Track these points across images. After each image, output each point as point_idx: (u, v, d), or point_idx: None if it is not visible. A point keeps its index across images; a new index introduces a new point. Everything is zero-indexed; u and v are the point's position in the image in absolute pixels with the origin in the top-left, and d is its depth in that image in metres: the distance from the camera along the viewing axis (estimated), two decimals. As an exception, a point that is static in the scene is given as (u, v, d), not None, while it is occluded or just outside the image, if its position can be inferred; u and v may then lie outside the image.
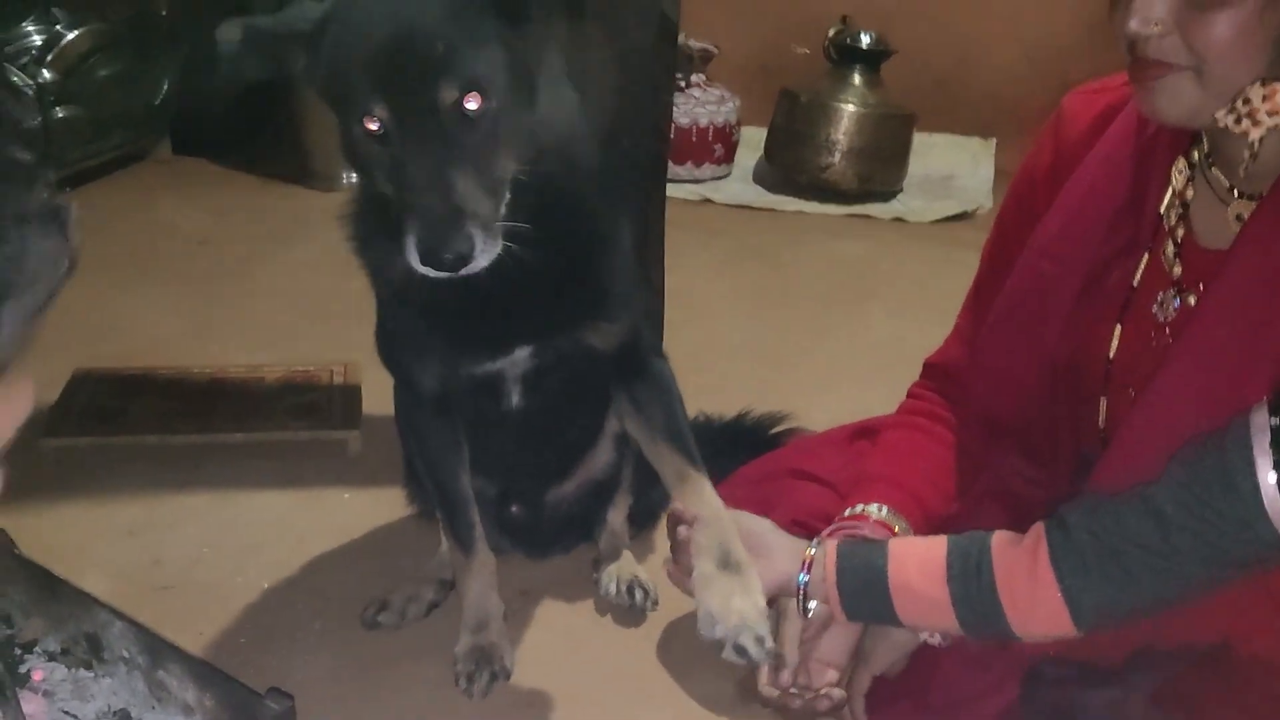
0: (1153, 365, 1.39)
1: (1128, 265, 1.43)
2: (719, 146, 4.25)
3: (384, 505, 2.10)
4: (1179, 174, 1.40)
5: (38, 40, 3.71)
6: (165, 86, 4.12)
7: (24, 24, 3.72)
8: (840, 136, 4.02)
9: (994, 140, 4.41)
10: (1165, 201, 1.41)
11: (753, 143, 4.35)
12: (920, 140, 4.25)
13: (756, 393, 2.57)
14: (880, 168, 4.08)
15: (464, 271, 1.24)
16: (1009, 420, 1.57)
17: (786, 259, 3.58)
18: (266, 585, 1.91)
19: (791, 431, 2.23)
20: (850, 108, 4.02)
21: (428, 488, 1.76)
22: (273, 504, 2.14)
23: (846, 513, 1.53)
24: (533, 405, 1.61)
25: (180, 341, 2.79)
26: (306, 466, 2.25)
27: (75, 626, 1.47)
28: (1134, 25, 1.21)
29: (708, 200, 4.10)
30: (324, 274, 3.22)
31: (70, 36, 3.72)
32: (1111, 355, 1.46)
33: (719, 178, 4.29)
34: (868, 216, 4.02)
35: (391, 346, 1.63)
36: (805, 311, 3.16)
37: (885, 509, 1.52)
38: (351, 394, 2.40)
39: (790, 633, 1.44)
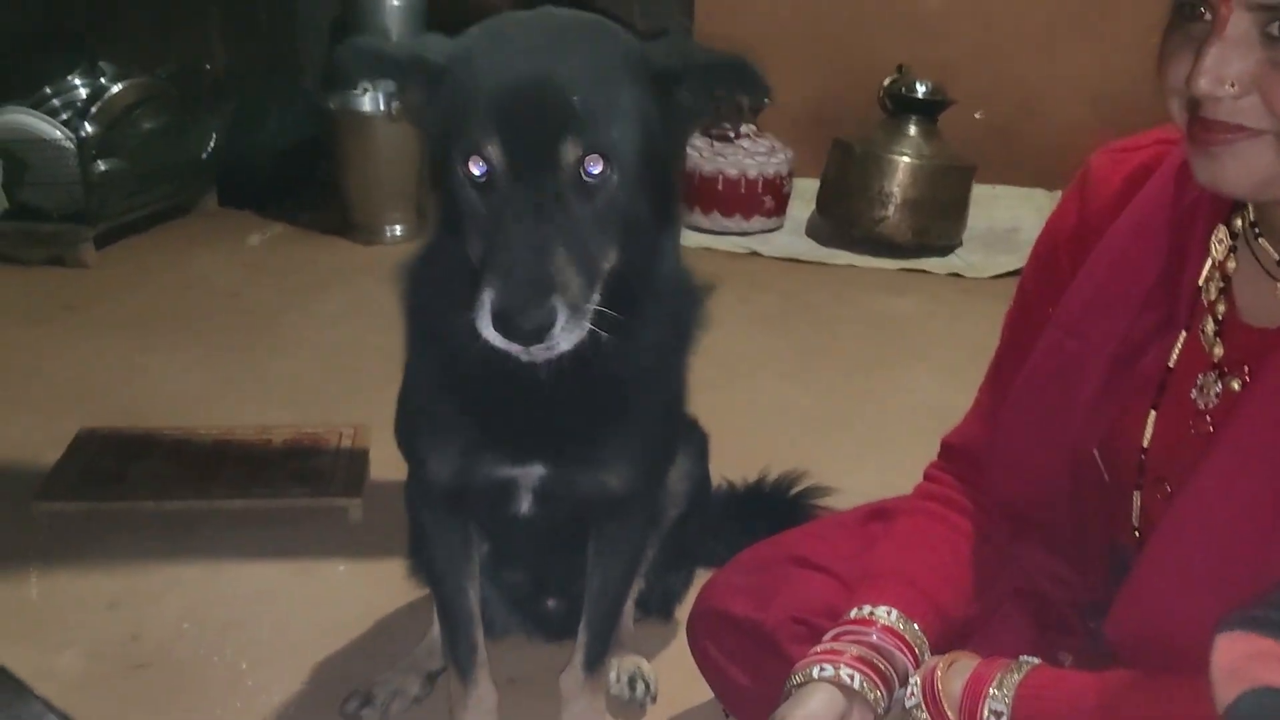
0: (1192, 456, 1.23)
1: (1163, 345, 1.28)
2: (769, 198, 4.12)
3: (380, 579, 1.99)
4: (1219, 244, 1.24)
5: (83, 93, 3.73)
6: (212, 140, 4.12)
7: (70, 77, 3.74)
8: (895, 189, 3.88)
9: (1059, 192, 4.20)
10: (1204, 274, 1.26)
11: (806, 194, 4.22)
12: (982, 192, 4.10)
13: (791, 461, 2.44)
14: (937, 221, 3.92)
15: (537, 348, 1.10)
16: (1033, 512, 1.41)
17: (834, 316, 3.44)
18: (244, 666, 1.80)
19: (811, 492, 2.08)
20: (905, 159, 3.88)
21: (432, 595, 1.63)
22: (263, 575, 2.04)
23: (852, 614, 1.38)
24: (544, 513, 1.48)
25: (196, 398, 2.73)
26: (304, 535, 2.15)
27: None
28: (1204, 85, 1.05)
29: (755, 253, 3.97)
30: (349, 328, 3.17)
31: (115, 90, 3.73)
32: (1145, 444, 1.30)
33: (769, 230, 4.17)
34: (923, 271, 3.86)
35: (411, 428, 1.49)
36: (850, 373, 3.02)
37: (894, 613, 1.36)
38: (358, 459, 2.30)
39: None
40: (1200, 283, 1.26)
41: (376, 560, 2.05)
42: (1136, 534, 1.34)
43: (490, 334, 1.09)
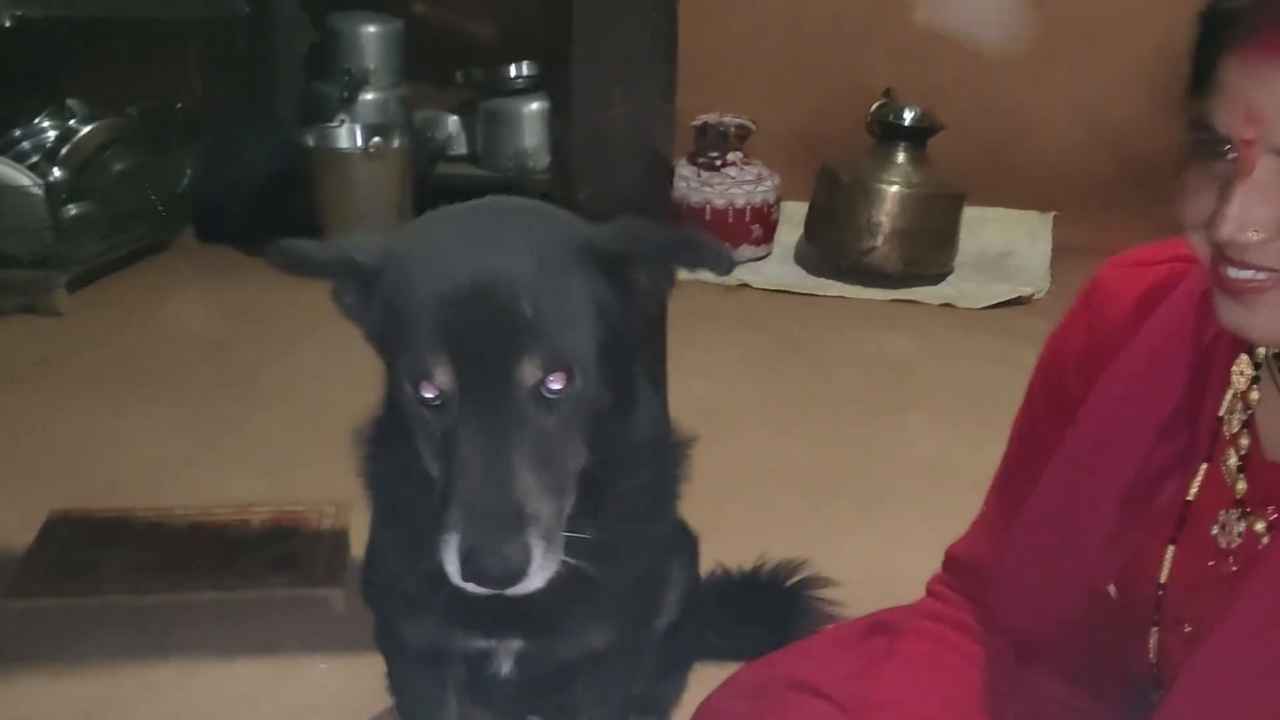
0: (1214, 596, 1.17)
1: (1182, 477, 1.21)
2: (757, 227, 4.05)
3: (363, 677, 1.91)
4: (1241, 375, 1.18)
5: (51, 135, 3.64)
6: (187, 176, 4.03)
7: (38, 119, 3.65)
8: (883, 219, 3.81)
9: (1052, 214, 4.16)
10: (1225, 405, 1.19)
11: (794, 218, 4.15)
12: (972, 215, 4.03)
13: (784, 527, 2.38)
14: (927, 250, 3.85)
15: (512, 591, 1.01)
16: (1043, 643, 1.35)
17: (826, 357, 3.36)
18: (223, 786, 1.73)
19: (809, 583, 2.01)
20: (894, 188, 3.80)
21: None
22: (242, 676, 1.96)
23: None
24: (525, 673, 1.40)
25: (172, 466, 2.65)
26: (285, 628, 2.07)
27: None
28: (1229, 232, 0.97)
29: (745, 285, 3.90)
30: (330, 383, 3.08)
31: (84, 131, 3.63)
32: (1163, 580, 1.24)
33: (758, 259, 4.09)
34: (914, 302, 3.79)
35: (379, 593, 1.40)
36: (843, 423, 2.94)
37: (908, 756, 1.30)
38: (339, 542, 2.23)
39: None
40: (1221, 414, 1.19)
41: (359, 655, 1.96)
42: (1155, 673, 1.28)
43: (457, 579, 1.00)
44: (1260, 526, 1.16)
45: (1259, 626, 1.10)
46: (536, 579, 1.01)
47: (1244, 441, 1.18)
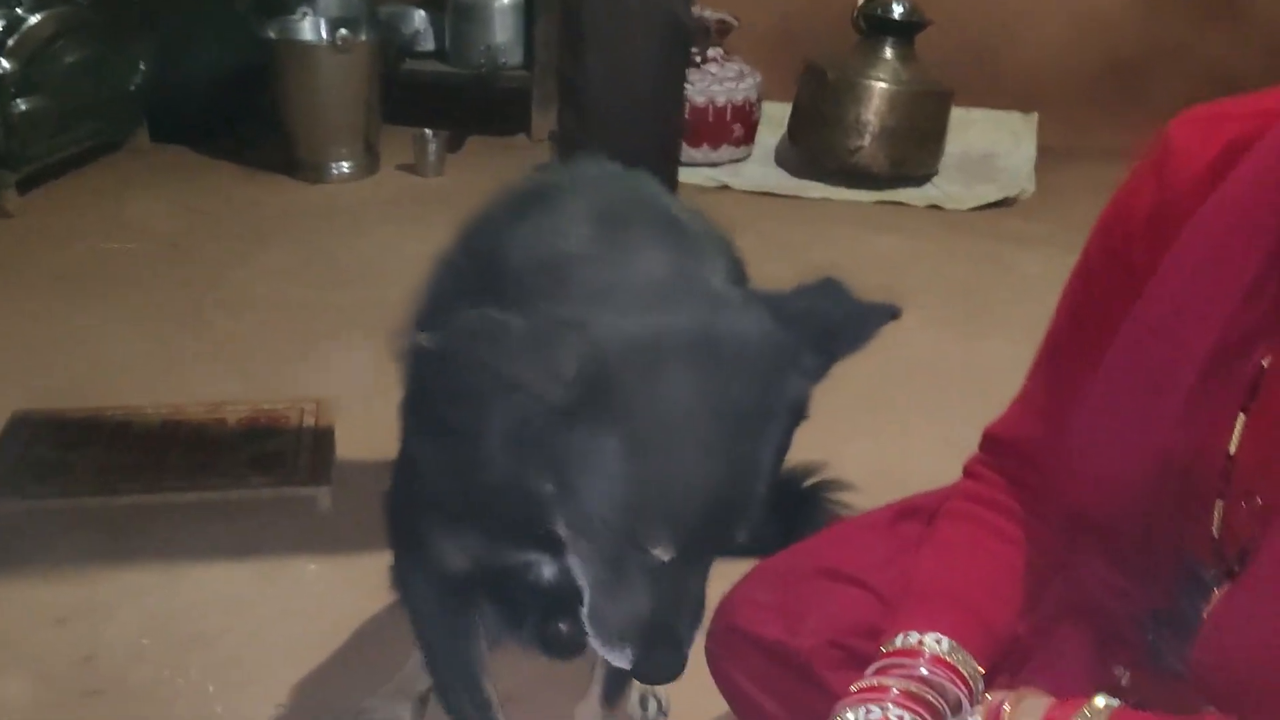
0: (1290, 467, 1.09)
1: (1268, 344, 1.13)
2: (738, 126, 3.93)
3: (355, 578, 1.83)
4: (1331, 230, 1.09)
5: (-1, 25, 3.42)
6: (140, 72, 3.83)
7: (-17, 9, 3.43)
8: (871, 117, 3.70)
9: (1036, 115, 4.08)
10: None
11: (775, 119, 4.03)
12: (957, 116, 3.93)
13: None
14: (914, 150, 3.75)
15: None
16: (1100, 522, 1.27)
17: (813, 260, 3.27)
18: (212, 689, 1.64)
19: (827, 485, 1.94)
20: (882, 85, 3.69)
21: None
22: (226, 579, 1.86)
23: (898, 642, 1.23)
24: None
25: (138, 365, 2.52)
26: (269, 530, 1.97)
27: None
28: None
29: (726, 186, 3.79)
30: (299, 283, 2.97)
31: (33, 21, 3.42)
32: (1232, 450, 1.16)
33: (738, 160, 3.98)
34: (900, 204, 3.70)
35: (412, 510, 1.28)
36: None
37: (945, 641, 1.21)
38: (323, 440, 2.12)
39: None
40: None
41: (350, 556, 1.88)
42: (1216, 549, 1.21)
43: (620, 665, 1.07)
44: (1343, 395, 1.09)
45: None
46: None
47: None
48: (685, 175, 3.95)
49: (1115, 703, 1.11)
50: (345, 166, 3.78)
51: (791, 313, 1.08)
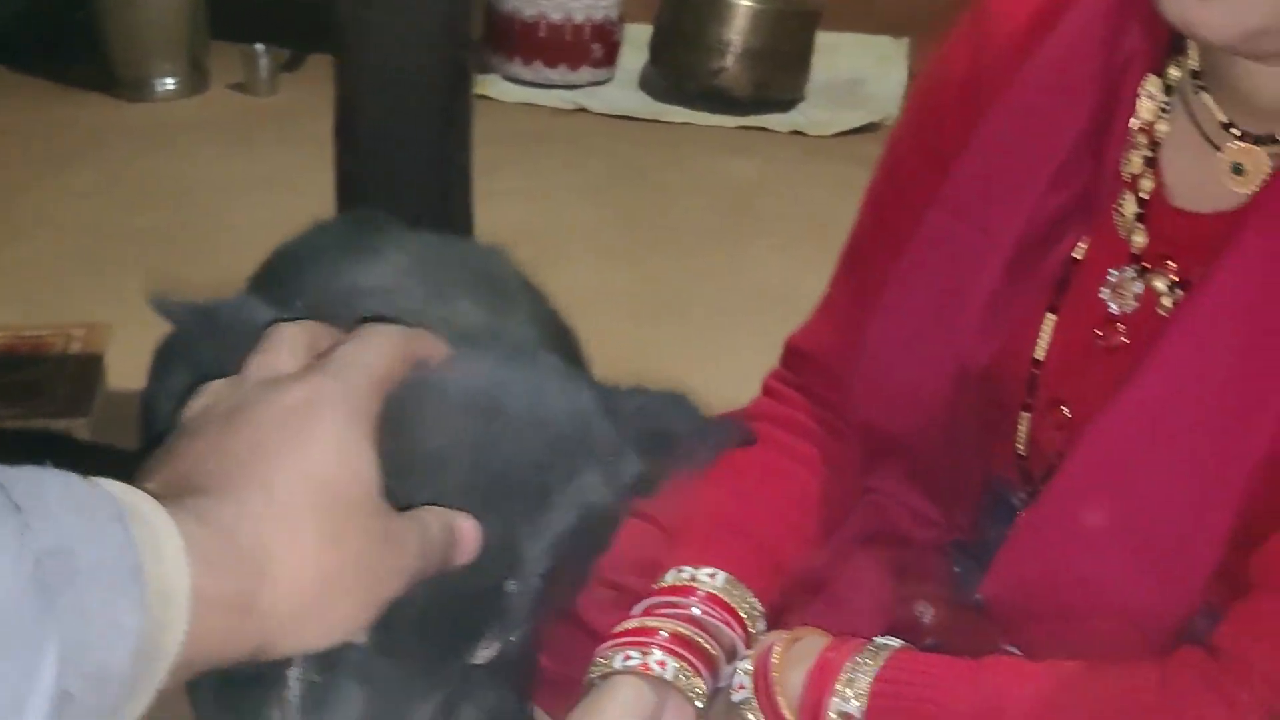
0: (1099, 373, 0.96)
1: (1076, 234, 0.99)
2: (597, 46, 3.73)
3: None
4: (1148, 99, 0.94)
5: None
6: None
7: None
8: (734, 37, 3.53)
9: (906, 40, 3.96)
10: (1128, 140, 0.96)
11: (638, 42, 3.84)
12: (826, 40, 3.78)
13: (625, 358, 2.14)
14: (779, 73, 3.60)
15: None
16: (899, 440, 1.12)
17: (668, 182, 3.12)
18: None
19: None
20: (745, 3, 3.53)
21: None
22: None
23: (669, 578, 1.07)
24: None
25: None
26: (21, 463, 1.74)
27: None
28: None
29: (583, 109, 3.60)
30: (103, 204, 2.73)
31: None
32: (1039, 356, 1.02)
33: (598, 82, 3.79)
34: (763, 129, 3.56)
35: None
36: (686, 248, 2.72)
37: (721, 576, 1.06)
38: (88, 369, 1.90)
39: None
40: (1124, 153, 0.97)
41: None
42: (1022, 467, 1.07)
43: None
44: (1161, 285, 0.95)
45: (1163, 398, 0.90)
46: None
47: (1146, 184, 0.96)
48: (540, 96, 3.79)
49: (896, 643, 0.97)
50: (169, 84, 3.53)
51: (622, 408, 0.85)
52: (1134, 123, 0.95)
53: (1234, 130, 0.88)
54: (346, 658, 0.73)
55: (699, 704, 1.00)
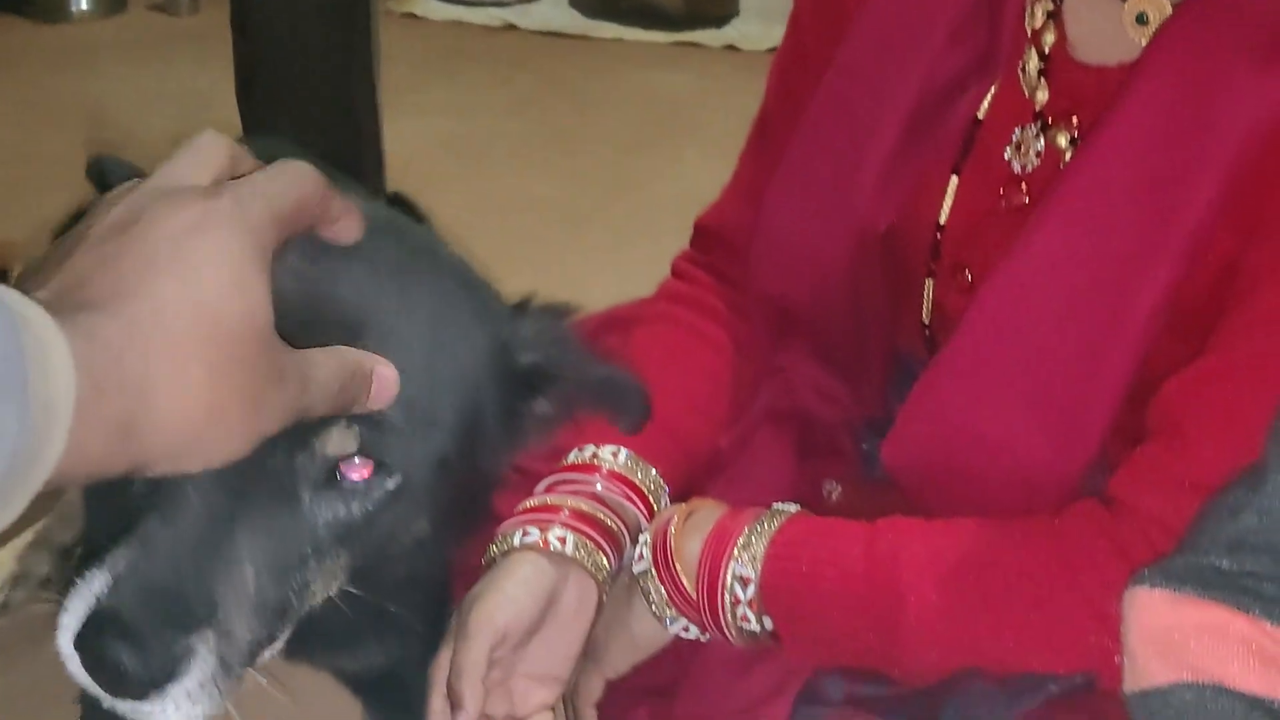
0: (1002, 234, 0.93)
1: (976, 93, 0.96)
2: (528, -38, 3.65)
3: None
4: (1050, -50, 0.92)
5: None
6: None
7: None
8: (667, -48, 3.47)
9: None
10: None
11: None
12: (759, -44, 3.72)
13: (540, 259, 2.12)
14: (712, -13, 3.55)
15: (128, 705, 0.66)
16: (801, 312, 1.10)
17: (595, 96, 3.07)
18: None
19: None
20: (677, -82, 3.46)
21: None
22: None
23: (571, 457, 1.05)
24: None
25: None
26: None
27: None
28: None
29: (512, 26, 3.52)
30: (13, 125, 2.64)
31: None
32: (942, 220, 1.00)
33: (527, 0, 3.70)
34: (696, 45, 3.51)
35: None
36: (611, 158, 2.68)
37: (624, 454, 1.03)
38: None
39: (471, 658, 0.95)
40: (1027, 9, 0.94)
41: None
42: (927, 336, 1.05)
43: (66, 647, 0.64)
44: (1063, 140, 0.94)
45: (1056, 251, 0.89)
46: (173, 709, 0.66)
47: (1048, 38, 0.94)
48: (468, 14, 3.70)
49: (793, 508, 0.96)
50: (84, 4, 3.43)
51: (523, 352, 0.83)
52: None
53: None
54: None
55: (601, 578, 0.99)
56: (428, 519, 0.80)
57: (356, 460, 0.72)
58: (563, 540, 0.97)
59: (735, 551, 0.93)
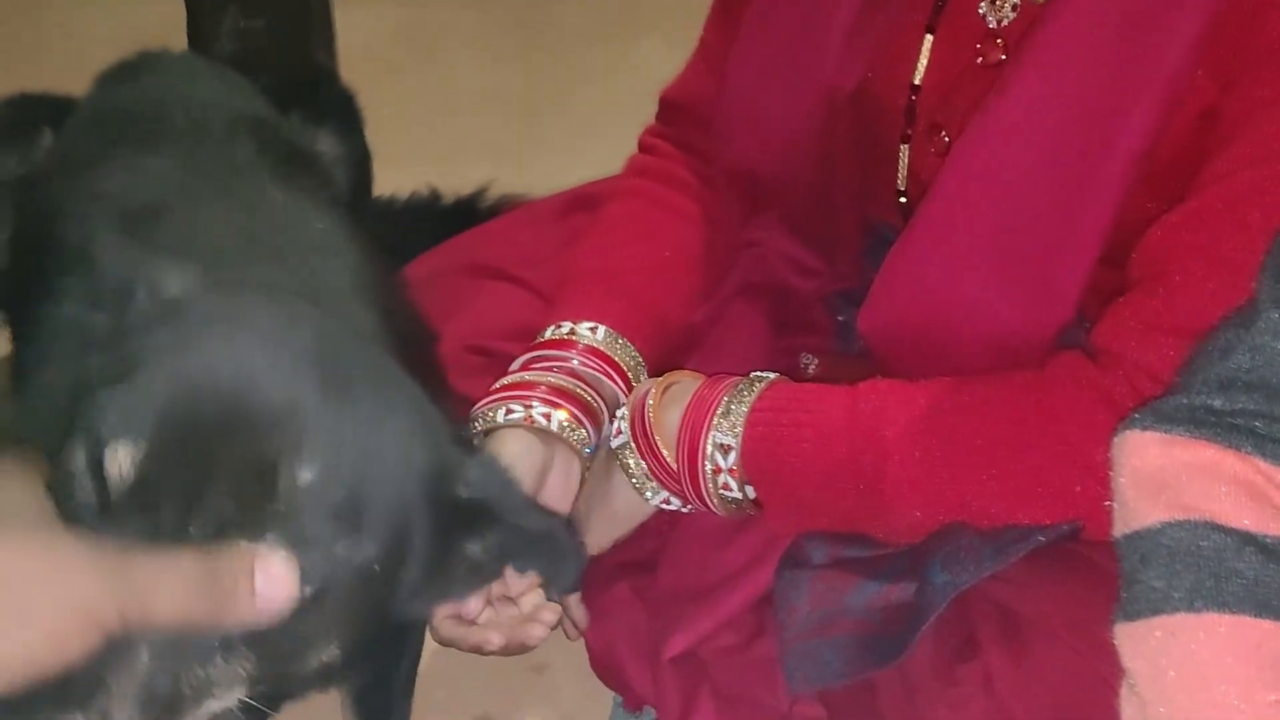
0: (978, 93, 0.91)
1: None
2: None
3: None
4: None
5: None
6: None
7: None
8: None
9: None
10: None
11: None
12: None
13: (496, 152, 2.07)
14: None
15: None
16: (772, 182, 1.08)
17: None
18: None
19: (509, 201, 1.66)
20: None
21: None
22: None
23: (547, 333, 1.03)
24: None
25: None
26: None
27: None
28: None
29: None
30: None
31: None
32: (917, 80, 0.97)
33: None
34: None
35: None
36: (571, 47, 2.61)
37: (601, 329, 1.02)
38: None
39: None
40: None
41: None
42: (902, 202, 1.04)
43: None
44: (1039, -8, 0.90)
45: (1030, 108, 0.86)
46: None
47: (1025, -114, 0.91)
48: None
49: (771, 375, 0.95)
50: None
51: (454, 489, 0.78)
52: None
53: None
54: None
55: (585, 451, 0.98)
56: (340, 636, 0.74)
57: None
58: (547, 417, 0.95)
59: (715, 420, 0.92)
